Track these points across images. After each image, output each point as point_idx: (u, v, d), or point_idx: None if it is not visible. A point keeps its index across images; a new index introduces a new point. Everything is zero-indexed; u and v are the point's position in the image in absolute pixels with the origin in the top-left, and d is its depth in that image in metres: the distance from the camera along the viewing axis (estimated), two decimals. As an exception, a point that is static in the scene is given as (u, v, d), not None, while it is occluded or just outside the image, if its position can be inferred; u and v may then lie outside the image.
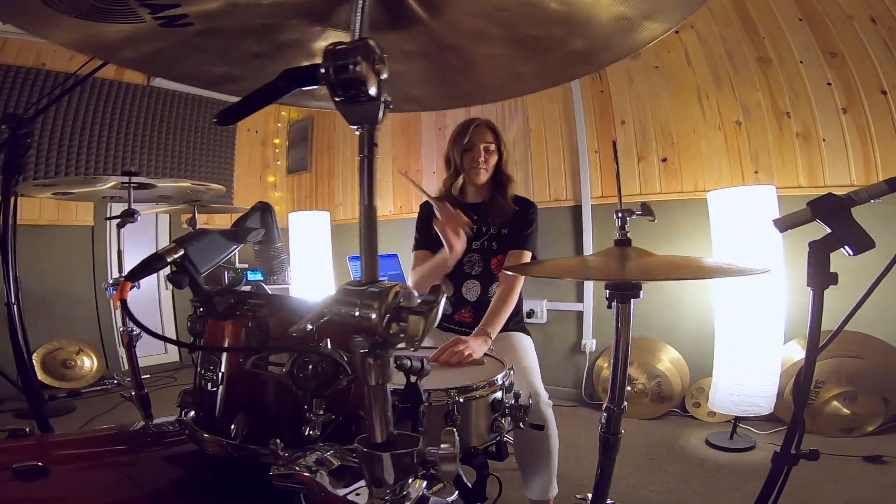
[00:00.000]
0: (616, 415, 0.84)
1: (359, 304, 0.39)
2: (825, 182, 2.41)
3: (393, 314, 0.38)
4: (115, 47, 0.54)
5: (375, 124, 0.44)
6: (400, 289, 0.40)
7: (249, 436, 0.61)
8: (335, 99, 0.41)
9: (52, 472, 0.63)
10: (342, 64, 0.39)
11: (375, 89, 0.41)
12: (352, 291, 0.40)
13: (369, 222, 0.43)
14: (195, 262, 0.59)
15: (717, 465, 2.08)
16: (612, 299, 0.86)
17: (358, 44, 0.41)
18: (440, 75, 0.64)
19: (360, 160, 0.44)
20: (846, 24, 2.34)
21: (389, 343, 0.39)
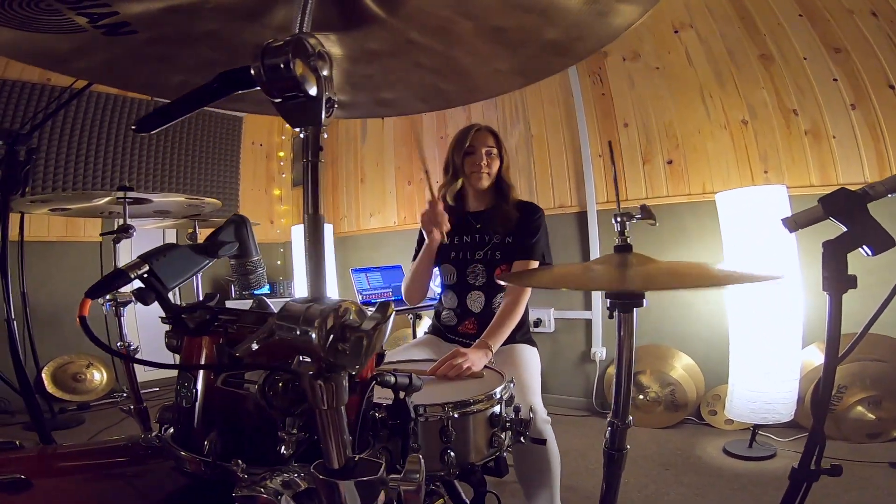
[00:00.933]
0: (621, 430, 0.79)
1: (299, 322, 0.35)
2: (838, 180, 2.35)
3: (337, 334, 0.35)
4: (65, 58, 0.52)
5: (320, 126, 0.40)
6: (347, 306, 0.37)
7: (223, 453, 0.58)
8: (273, 101, 0.38)
9: (36, 485, 0.62)
10: (273, 63, 0.36)
11: (315, 88, 0.38)
12: (293, 309, 0.36)
13: (314, 232, 0.40)
14: (161, 277, 0.56)
15: (736, 474, 2.00)
16: (612, 309, 0.81)
17: (290, 40, 0.38)
18: (413, 76, 0.61)
19: (303, 165, 0.41)
20: (847, 19, 2.30)
21: (335, 366, 0.35)
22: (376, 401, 0.83)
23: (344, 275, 3.42)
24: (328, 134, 3.48)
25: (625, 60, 2.90)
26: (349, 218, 4.26)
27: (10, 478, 0.59)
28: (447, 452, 0.89)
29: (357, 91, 0.56)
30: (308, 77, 0.37)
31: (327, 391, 0.36)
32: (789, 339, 2.13)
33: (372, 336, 0.35)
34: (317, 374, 0.36)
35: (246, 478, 0.47)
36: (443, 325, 1.73)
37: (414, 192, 3.81)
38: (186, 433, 0.64)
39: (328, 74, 0.39)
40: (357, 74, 0.50)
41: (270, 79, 0.36)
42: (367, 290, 2.95)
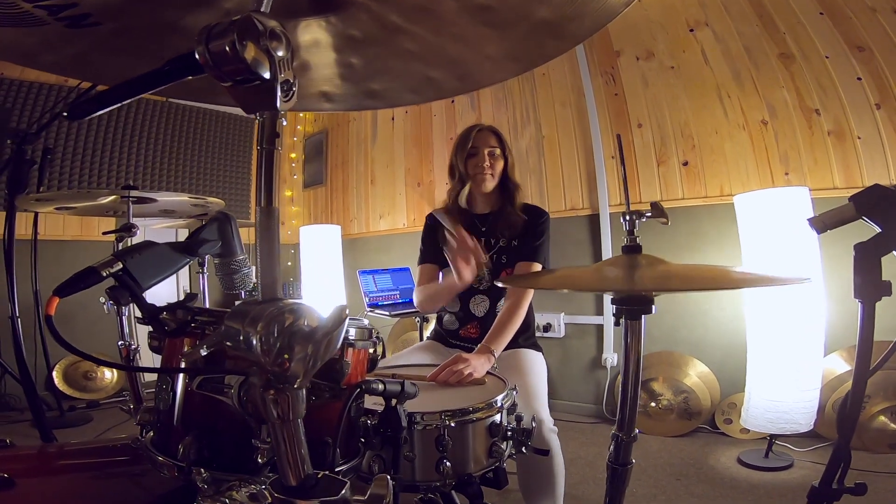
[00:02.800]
0: (626, 443, 0.75)
1: (244, 326, 0.32)
2: (863, 182, 2.26)
3: (284, 342, 0.31)
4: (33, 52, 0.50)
5: (276, 111, 0.37)
6: (298, 309, 0.33)
7: (199, 459, 0.56)
8: (223, 85, 0.35)
9: (18, 484, 0.62)
10: (218, 45, 0.33)
11: (269, 71, 0.34)
12: (240, 311, 0.33)
13: (267, 227, 0.36)
14: (136, 276, 0.54)
15: (751, 485, 1.92)
16: (619, 316, 0.76)
17: (237, 20, 0.34)
18: (399, 64, 0.57)
19: (258, 152, 0.38)
20: (870, 17, 2.23)
21: (280, 377, 0.32)
22: (370, 407, 0.80)
23: (352, 277, 3.41)
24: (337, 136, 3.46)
25: (638, 60, 2.84)
26: (359, 220, 4.25)
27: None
28: (443, 462, 0.85)
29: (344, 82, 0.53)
30: (260, 59, 0.34)
31: (280, 403, 0.33)
32: (811, 346, 2.04)
33: (319, 346, 0.31)
34: (266, 384, 0.32)
35: (206, 488, 0.44)
36: (444, 329, 1.69)
37: (423, 195, 3.79)
38: (166, 437, 0.62)
39: (284, 55, 0.36)
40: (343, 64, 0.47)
41: (217, 62, 0.33)
42: (374, 292, 2.93)
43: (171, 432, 0.60)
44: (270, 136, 0.37)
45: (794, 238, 2.06)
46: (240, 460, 0.56)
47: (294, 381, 0.31)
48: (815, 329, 2.05)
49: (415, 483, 0.88)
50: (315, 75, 0.58)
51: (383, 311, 2.79)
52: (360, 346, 0.64)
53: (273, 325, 0.31)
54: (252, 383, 0.33)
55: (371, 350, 0.70)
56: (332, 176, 4.51)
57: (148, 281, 0.56)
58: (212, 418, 0.57)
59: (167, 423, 0.61)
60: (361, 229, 4.22)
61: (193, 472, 0.47)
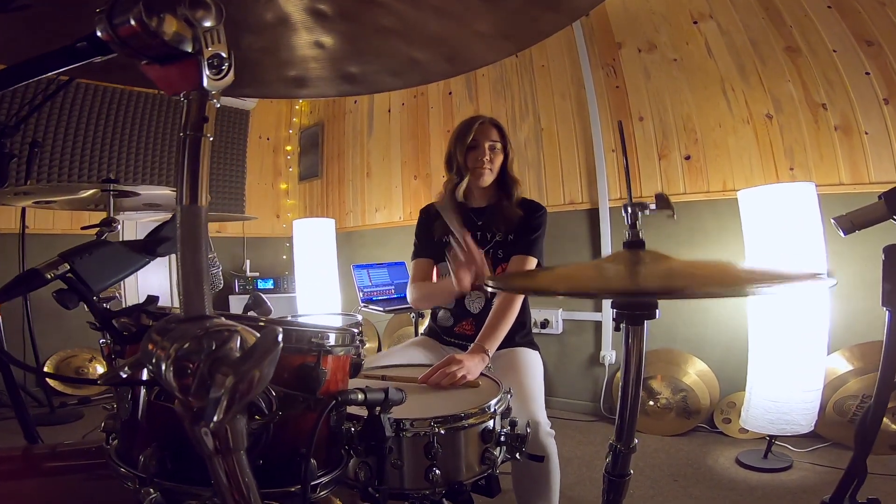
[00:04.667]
0: (624, 455, 0.70)
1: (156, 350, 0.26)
2: (870, 178, 2.21)
3: (203, 370, 0.25)
4: None
5: (206, 91, 0.31)
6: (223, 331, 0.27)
7: (161, 471, 0.51)
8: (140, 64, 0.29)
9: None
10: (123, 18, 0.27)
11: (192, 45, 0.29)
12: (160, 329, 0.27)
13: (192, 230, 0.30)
14: (86, 278, 0.49)
15: (749, 486, 1.89)
16: (619, 321, 0.70)
17: None
18: (377, 44, 0.51)
19: (181, 140, 0.32)
20: (879, 11, 2.17)
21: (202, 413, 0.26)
22: (355, 413, 0.75)
23: (347, 271, 3.36)
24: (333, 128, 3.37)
25: (640, 52, 2.77)
26: (355, 213, 4.19)
27: None
28: (432, 470, 0.81)
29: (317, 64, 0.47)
30: (182, 31, 0.28)
31: (214, 437, 0.28)
32: (813, 345, 2.00)
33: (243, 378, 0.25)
34: (194, 417, 0.27)
35: None
36: (439, 325, 1.65)
37: (420, 187, 3.73)
38: (128, 446, 0.58)
39: (213, 25, 0.30)
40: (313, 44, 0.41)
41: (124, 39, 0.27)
42: (369, 287, 2.87)
43: (134, 442, 0.55)
44: (197, 120, 0.31)
45: (799, 235, 2.01)
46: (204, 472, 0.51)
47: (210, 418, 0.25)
48: (819, 328, 2.01)
49: (403, 491, 0.84)
50: (284, 57, 0.52)
51: (378, 306, 2.74)
52: (338, 353, 0.59)
53: (191, 350, 0.25)
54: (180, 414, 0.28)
55: (354, 355, 0.65)
56: (328, 168, 4.45)
57: (99, 283, 0.50)
58: (173, 429, 0.53)
59: (130, 433, 0.57)
60: (357, 222, 4.16)
61: (142, 493, 0.42)
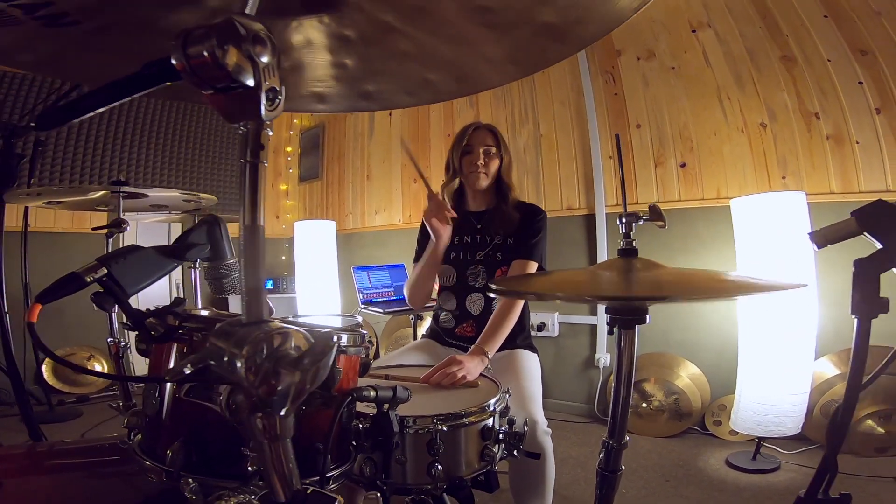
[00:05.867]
0: (616, 451, 0.74)
1: (229, 348, 0.31)
2: (860, 187, 2.26)
3: (269, 367, 0.30)
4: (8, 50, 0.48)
5: (261, 121, 0.35)
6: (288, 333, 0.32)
7: (187, 465, 0.55)
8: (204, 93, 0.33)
9: (5, 485, 0.61)
10: (196, 50, 0.31)
11: (252, 78, 0.32)
12: (225, 332, 0.32)
13: (253, 246, 0.34)
14: (121, 281, 0.53)
15: (738, 487, 1.93)
16: (612, 325, 0.75)
17: (217, 23, 0.32)
18: (394, 66, 0.56)
19: (241, 166, 0.36)
20: (875, 21, 2.22)
21: (265, 402, 0.31)
22: (362, 410, 0.79)
23: (346, 272, 3.39)
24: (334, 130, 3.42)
25: (639, 60, 2.82)
26: (354, 215, 4.23)
27: None
28: (434, 466, 0.85)
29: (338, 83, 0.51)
30: (243, 65, 0.32)
31: (267, 425, 0.32)
32: (801, 350, 2.06)
33: (307, 374, 0.30)
34: (253, 406, 0.31)
35: (194, 499, 0.43)
36: (441, 327, 1.69)
37: (420, 190, 3.77)
38: (153, 441, 0.61)
39: (270, 61, 0.33)
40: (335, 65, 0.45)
41: (195, 69, 0.31)
42: (369, 288, 2.91)
43: (159, 437, 0.59)
44: (255, 148, 0.34)
45: (789, 243, 2.06)
46: (228, 467, 0.55)
47: (280, 409, 0.30)
48: (807, 333, 2.06)
49: (406, 486, 0.88)
50: (308, 76, 0.56)
51: (377, 308, 2.77)
52: (351, 353, 0.63)
53: (259, 350, 0.30)
54: (239, 402, 0.32)
55: (363, 355, 0.69)
56: (328, 170, 4.48)
57: (134, 286, 0.54)
58: (200, 425, 0.56)
59: (155, 428, 0.60)
60: (357, 224, 4.20)
61: (182, 482, 0.46)
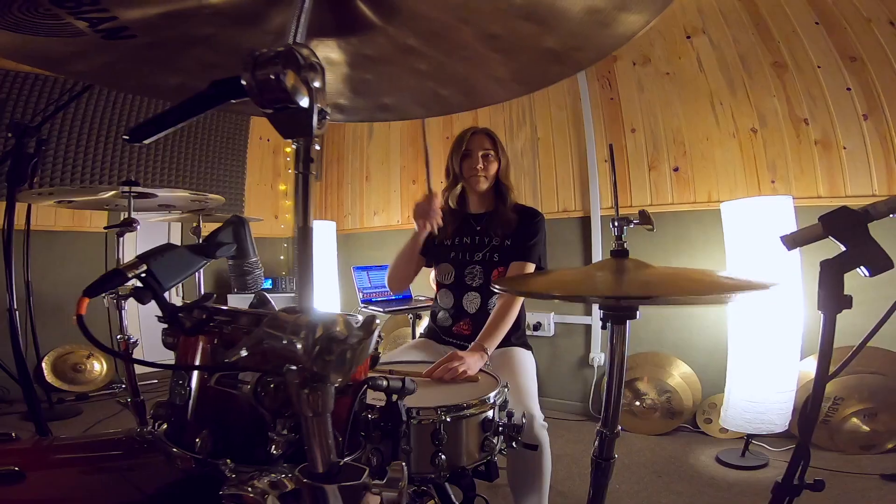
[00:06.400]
0: (609, 439, 0.80)
1: (286, 333, 0.36)
2: (846, 192, 2.33)
3: (323, 346, 0.35)
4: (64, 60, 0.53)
5: (311, 137, 0.40)
6: (335, 318, 0.37)
7: (214, 451, 0.59)
8: (264, 111, 0.38)
9: (29, 477, 0.62)
10: (263, 73, 0.36)
11: (307, 99, 0.38)
12: (282, 319, 0.37)
13: (305, 245, 0.40)
14: (159, 277, 0.57)
15: (728, 483, 2.00)
16: (606, 320, 0.81)
17: (281, 51, 0.38)
18: (412, 81, 0.61)
19: (295, 177, 0.41)
20: (864, 28, 2.27)
21: (320, 376, 0.36)
22: (370, 402, 0.83)
23: (345, 272, 3.43)
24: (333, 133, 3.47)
25: (635, 65, 2.88)
26: (353, 215, 4.27)
27: (4, 469, 0.60)
28: (438, 455, 0.89)
29: (357, 96, 0.56)
30: (299, 88, 0.37)
31: (313, 399, 0.37)
32: (788, 350, 2.13)
33: (356, 349, 0.36)
34: (302, 382, 0.36)
35: (234, 477, 0.48)
36: (438, 325, 1.73)
37: (418, 192, 3.81)
38: (179, 430, 0.65)
39: (320, 86, 0.39)
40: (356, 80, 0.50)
41: (261, 90, 0.36)
42: (368, 287, 2.96)
43: (186, 426, 0.63)
44: (306, 160, 0.40)
45: (777, 246, 2.12)
46: (251, 452, 0.59)
47: (335, 381, 0.35)
48: (793, 333, 2.13)
49: (410, 475, 0.92)
50: (329, 89, 0.61)
51: (377, 307, 2.82)
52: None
53: (314, 331, 0.35)
54: (290, 382, 0.37)
55: (373, 349, 0.74)
56: (327, 171, 4.52)
57: (169, 282, 0.59)
58: (225, 412, 0.61)
59: (182, 417, 0.64)
60: (355, 225, 4.24)
61: (220, 464, 0.50)
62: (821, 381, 0.82)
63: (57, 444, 0.90)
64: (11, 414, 2.81)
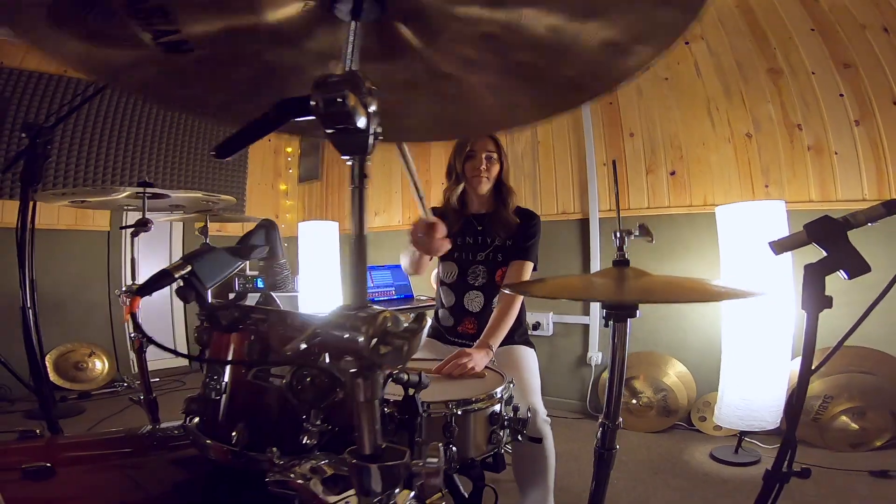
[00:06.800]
0: (611, 430, 0.85)
1: (349, 327, 0.41)
2: (837, 196, 2.38)
3: (380, 338, 0.40)
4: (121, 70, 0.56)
5: (366, 155, 0.45)
6: (388, 314, 0.42)
7: (249, 443, 0.63)
8: (326, 131, 0.43)
9: (59, 473, 0.65)
10: (331, 97, 0.41)
11: (365, 121, 0.43)
12: (344, 315, 0.42)
13: (359, 252, 0.45)
14: (201, 277, 0.61)
15: (722, 479, 2.05)
16: (608, 319, 0.87)
17: (347, 77, 0.43)
18: (436, 106, 0.65)
19: (351, 191, 0.46)
20: (859, 34, 2.31)
21: (376, 364, 0.41)
22: (386, 396, 0.88)
23: (347, 272, 3.45)
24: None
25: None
26: (354, 215, 4.30)
27: (35, 466, 0.63)
28: (449, 447, 0.94)
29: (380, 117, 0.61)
30: (359, 111, 0.42)
31: (366, 387, 0.42)
32: (779, 350, 2.19)
33: (411, 341, 0.41)
34: (358, 372, 0.41)
35: (281, 463, 0.53)
36: (441, 325, 1.78)
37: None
38: (212, 423, 0.69)
39: (375, 109, 0.44)
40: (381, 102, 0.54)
41: (327, 110, 0.41)
42: (371, 287, 2.99)
43: (221, 419, 0.66)
44: (361, 176, 0.45)
45: (769, 249, 2.18)
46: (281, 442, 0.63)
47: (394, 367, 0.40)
48: (784, 334, 2.19)
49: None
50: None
51: (380, 306, 2.85)
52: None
53: (373, 324, 0.40)
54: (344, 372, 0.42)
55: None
56: (329, 172, 4.55)
57: (210, 281, 0.63)
58: (258, 406, 0.65)
59: (215, 411, 0.68)
60: (356, 224, 4.27)
61: (266, 453, 0.55)
62: (805, 374, 0.88)
63: (81, 440, 0.93)
64: (14, 412, 2.80)
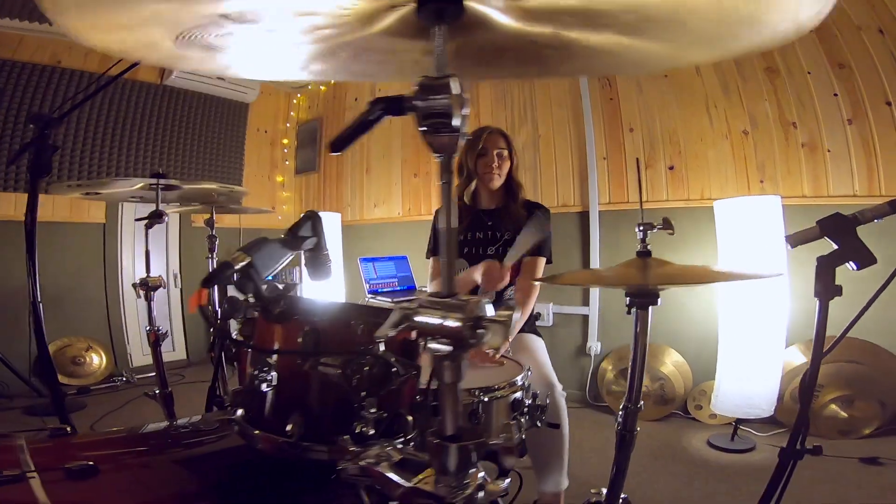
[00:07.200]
0: (632, 413, 0.90)
1: (444, 313, 0.44)
2: (829, 192, 2.46)
3: (475, 323, 0.43)
4: None
5: (454, 154, 0.49)
6: (478, 301, 0.46)
7: (305, 434, 0.65)
8: (421, 129, 0.46)
9: (103, 471, 0.65)
10: (432, 96, 0.44)
11: (458, 121, 0.46)
12: (437, 302, 0.45)
13: (450, 240, 0.48)
14: (258, 268, 0.64)
15: (720, 465, 2.13)
16: (631, 306, 0.92)
17: (445, 79, 0.46)
18: None
19: (441, 186, 0.49)
20: (855, 35, 2.37)
21: (467, 347, 0.44)
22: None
23: (350, 264, 3.47)
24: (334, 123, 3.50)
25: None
26: (353, 207, 4.31)
27: (79, 465, 0.63)
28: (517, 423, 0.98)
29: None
30: (455, 113, 0.45)
31: (451, 369, 0.45)
32: (774, 339, 2.26)
33: (505, 325, 0.44)
34: (447, 354, 0.45)
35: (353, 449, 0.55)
36: None
37: (420, 185, 3.87)
38: (259, 415, 0.70)
39: (467, 112, 0.47)
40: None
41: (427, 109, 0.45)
42: (374, 279, 3.01)
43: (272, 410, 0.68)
44: (448, 172, 0.49)
45: (765, 242, 2.26)
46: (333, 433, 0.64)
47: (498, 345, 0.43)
48: (779, 324, 2.27)
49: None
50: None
51: (384, 297, 2.89)
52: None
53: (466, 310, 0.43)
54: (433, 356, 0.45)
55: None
56: (326, 163, 4.53)
57: (266, 272, 0.65)
58: (309, 396, 0.67)
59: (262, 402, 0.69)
60: (355, 217, 4.28)
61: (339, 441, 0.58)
62: (817, 357, 0.96)
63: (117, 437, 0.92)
64: (13, 409, 2.75)
